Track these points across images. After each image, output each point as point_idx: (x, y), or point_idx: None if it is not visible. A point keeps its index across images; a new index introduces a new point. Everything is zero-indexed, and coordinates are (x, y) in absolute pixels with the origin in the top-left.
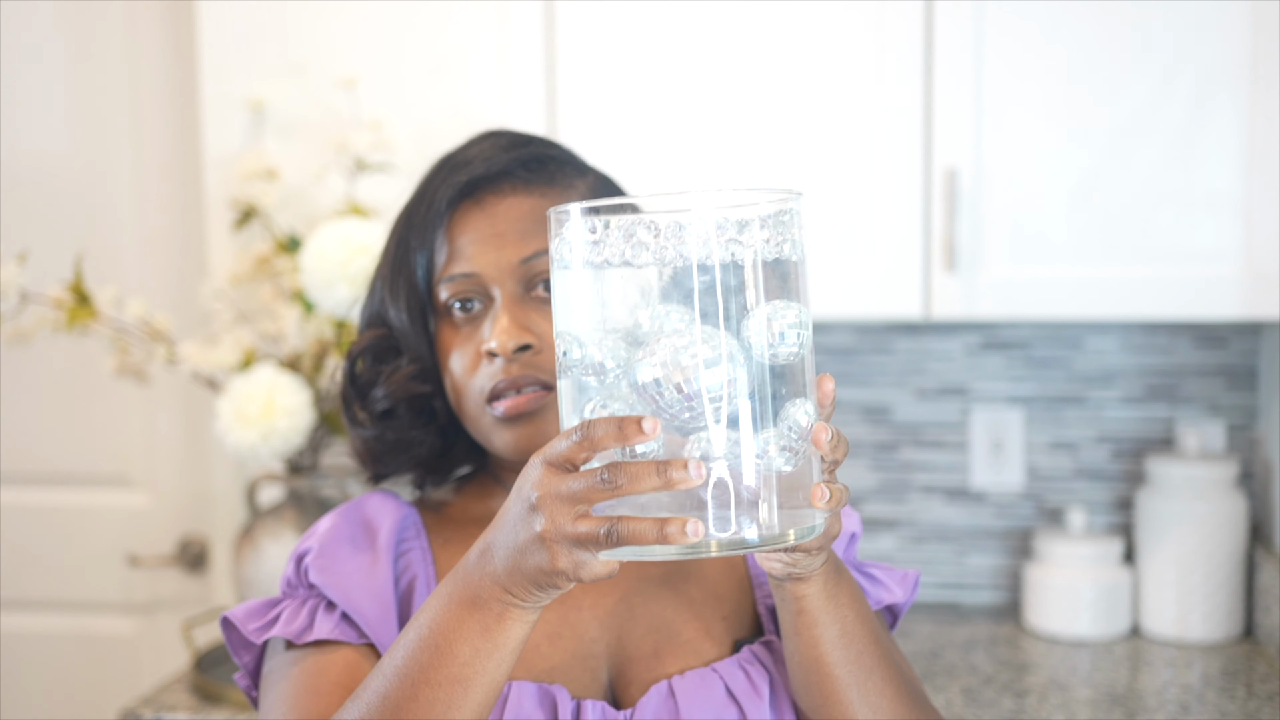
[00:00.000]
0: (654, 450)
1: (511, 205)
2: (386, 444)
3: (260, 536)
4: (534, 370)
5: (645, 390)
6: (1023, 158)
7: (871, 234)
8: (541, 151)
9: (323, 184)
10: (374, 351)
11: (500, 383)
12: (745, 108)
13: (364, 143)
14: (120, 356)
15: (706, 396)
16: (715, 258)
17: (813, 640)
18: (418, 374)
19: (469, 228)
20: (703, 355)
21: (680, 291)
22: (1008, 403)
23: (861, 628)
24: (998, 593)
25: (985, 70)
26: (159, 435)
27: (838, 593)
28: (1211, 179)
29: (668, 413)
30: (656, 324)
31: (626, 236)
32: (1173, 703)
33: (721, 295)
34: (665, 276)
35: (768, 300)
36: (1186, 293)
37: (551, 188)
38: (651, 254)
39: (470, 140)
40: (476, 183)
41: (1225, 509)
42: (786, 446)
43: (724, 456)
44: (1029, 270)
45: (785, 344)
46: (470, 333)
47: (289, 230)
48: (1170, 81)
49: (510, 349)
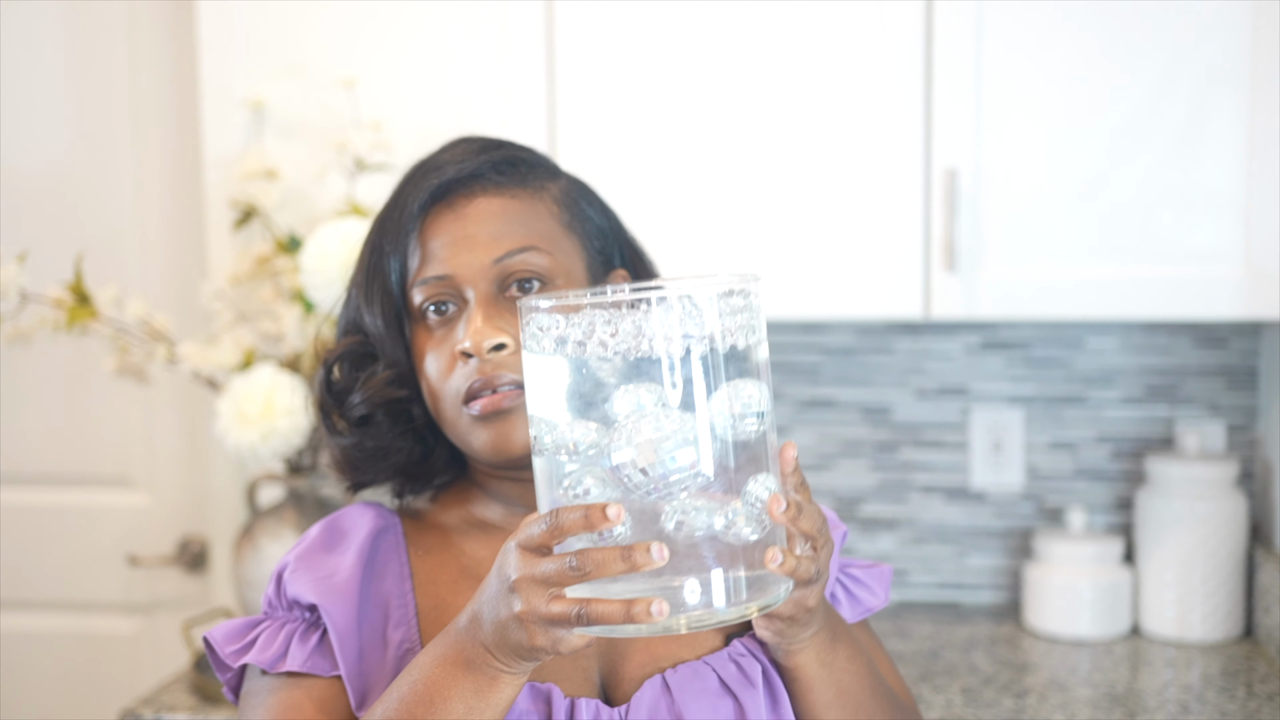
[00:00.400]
0: (623, 532)
1: (483, 207)
2: (365, 452)
3: (260, 536)
4: (509, 369)
5: (615, 472)
6: (1023, 158)
7: (871, 234)
8: (513, 154)
9: (323, 184)
10: (351, 358)
11: (475, 382)
12: (745, 108)
13: (364, 143)
14: (120, 356)
15: (674, 478)
16: (676, 350)
17: (809, 704)
18: (394, 379)
19: (441, 231)
20: (668, 438)
21: (643, 376)
22: (1008, 403)
23: (858, 684)
24: (998, 593)
25: (985, 70)
26: (159, 435)
27: (833, 659)
28: (1211, 179)
29: (636, 493)
30: (621, 408)
31: (588, 332)
32: (1173, 703)
33: (682, 380)
34: (629, 362)
35: (728, 381)
36: (1186, 293)
37: (523, 189)
38: (612, 347)
39: (443, 146)
40: (448, 185)
41: (1225, 509)
42: (751, 518)
43: (690, 532)
44: (1029, 270)
45: (745, 423)
46: (445, 335)
47: (289, 230)
48: (1170, 81)
49: (485, 349)
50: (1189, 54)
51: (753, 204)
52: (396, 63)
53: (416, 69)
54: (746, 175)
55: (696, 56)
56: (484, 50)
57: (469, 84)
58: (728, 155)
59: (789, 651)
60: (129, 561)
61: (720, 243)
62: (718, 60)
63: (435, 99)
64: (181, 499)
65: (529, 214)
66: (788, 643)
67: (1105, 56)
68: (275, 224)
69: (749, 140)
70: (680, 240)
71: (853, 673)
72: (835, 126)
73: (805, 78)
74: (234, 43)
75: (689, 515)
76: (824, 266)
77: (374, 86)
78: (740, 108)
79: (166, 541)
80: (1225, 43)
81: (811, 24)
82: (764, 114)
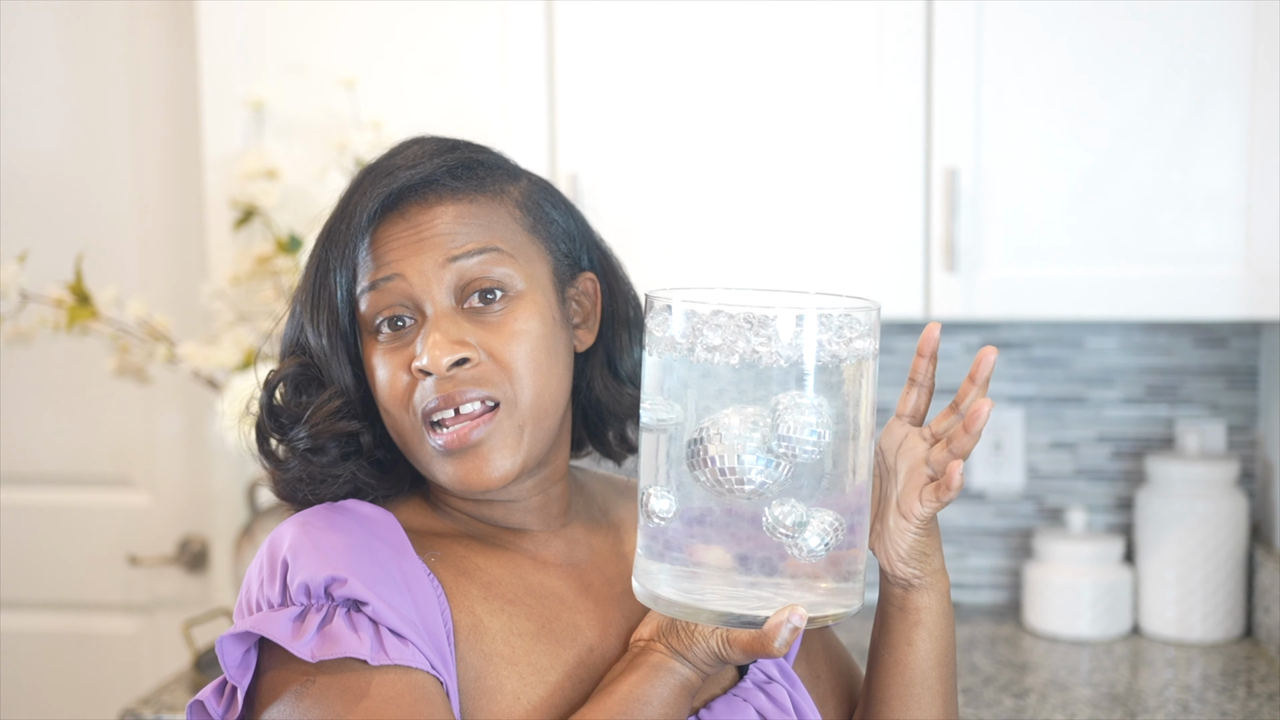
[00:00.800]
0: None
1: (439, 214)
2: (312, 479)
3: (260, 536)
4: (473, 384)
5: (712, 471)
6: (1023, 158)
7: (872, 234)
8: (469, 156)
9: (323, 184)
10: (294, 381)
11: (434, 402)
12: (745, 107)
13: (364, 143)
14: (120, 356)
15: (808, 470)
16: (809, 360)
17: (925, 652)
18: (343, 409)
19: (392, 239)
20: (804, 429)
21: (759, 384)
22: (1008, 403)
23: (954, 649)
24: (998, 593)
25: (985, 70)
26: (159, 435)
27: (948, 615)
28: (1212, 179)
29: (742, 489)
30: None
31: (715, 329)
32: (1173, 703)
33: (801, 386)
34: (752, 368)
35: (832, 395)
36: (1186, 293)
37: (482, 193)
38: (742, 352)
39: (394, 148)
40: (400, 193)
41: (1225, 509)
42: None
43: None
44: (1029, 270)
45: (859, 442)
46: (398, 350)
47: (289, 230)
48: (1170, 81)
49: (444, 365)
50: (1189, 54)
51: (752, 203)
52: (396, 63)
53: (416, 69)
54: (746, 174)
55: (696, 56)
56: (484, 50)
57: (469, 84)
58: (727, 154)
59: (917, 586)
60: (129, 561)
61: (720, 242)
62: (718, 60)
63: (435, 99)
64: (181, 499)
65: (487, 218)
66: (922, 566)
67: (1105, 57)
68: (275, 224)
69: (748, 139)
70: (680, 240)
71: (952, 646)
72: (835, 126)
73: (805, 77)
74: (234, 43)
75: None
76: (824, 266)
77: (374, 86)
78: (740, 107)
79: (167, 541)
80: (1225, 43)
81: (811, 23)
82: (764, 114)
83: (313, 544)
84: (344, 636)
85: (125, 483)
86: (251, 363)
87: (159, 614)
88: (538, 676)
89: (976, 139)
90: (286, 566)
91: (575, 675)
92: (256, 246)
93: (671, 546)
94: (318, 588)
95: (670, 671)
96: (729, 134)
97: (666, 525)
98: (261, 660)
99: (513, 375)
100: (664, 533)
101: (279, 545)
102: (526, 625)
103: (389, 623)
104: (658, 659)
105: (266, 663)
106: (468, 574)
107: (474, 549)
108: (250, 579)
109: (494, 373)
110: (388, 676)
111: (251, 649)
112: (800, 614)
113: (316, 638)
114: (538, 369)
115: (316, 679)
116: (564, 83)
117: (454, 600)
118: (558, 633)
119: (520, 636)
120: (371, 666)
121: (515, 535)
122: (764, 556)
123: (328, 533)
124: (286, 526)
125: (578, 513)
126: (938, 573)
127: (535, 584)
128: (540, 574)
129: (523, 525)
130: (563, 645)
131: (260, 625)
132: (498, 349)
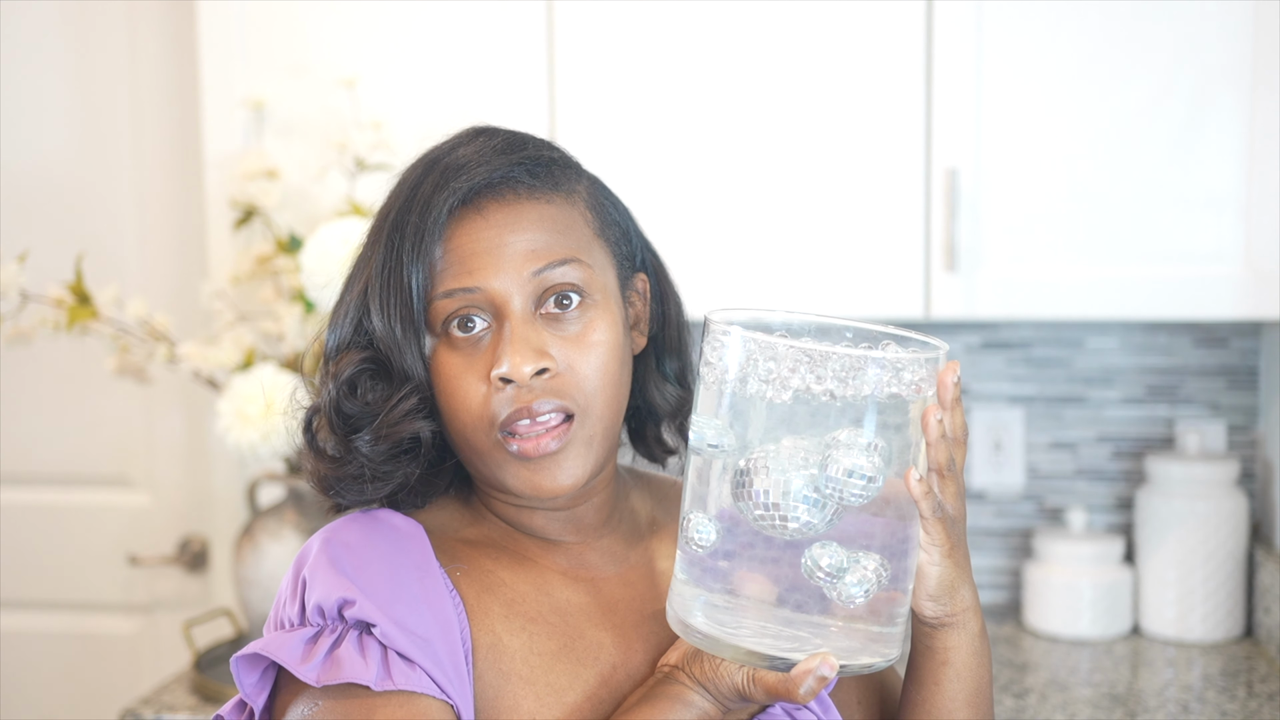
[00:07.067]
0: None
1: (518, 214)
2: (368, 477)
3: (261, 536)
4: (552, 395)
5: (757, 503)
6: (1023, 158)
7: (872, 234)
8: (542, 154)
9: (323, 184)
10: (363, 377)
11: (515, 411)
12: (745, 108)
13: (364, 143)
14: (120, 356)
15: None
16: (866, 400)
17: (952, 693)
18: (419, 406)
19: (471, 239)
20: (855, 471)
21: (814, 420)
22: (1008, 402)
23: (989, 686)
24: (998, 593)
25: (985, 70)
26: (159, 435)
27: (982, 648)
28: (1211, 179)
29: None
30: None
31: (772, 360)
32: (1173, 703)
33: (857, 425)
34: (806, 403)
35: (892, 431)
36: (1186, 293)
37: (557, 193)
38: (796, 387)
39: (456, 139)
40: (477, 189)
41: (1225, 509)
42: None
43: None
44: (1029, 270)
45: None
46: (473, 354)
47: (289, 230)
48: (1170, 81)
49: (526, 375)
50: (1189, 54)
51: (753, 204)
52: (396, 63)
53: (416, 69)
54: (746, 175)
55: (697, 57)
56: (484, 50)
57: (469, 84)
58: (728, 156)
59: (944, 625)
60: (129, 561)
61: (721, 242)
62: (718, 61)
63: (435, 99)
64: (182, 499)
65: (565, 222)
66: (952, 603)
67: (1105, 57)
68: (276, 224)
69: (749, 140)
70: (680, 240)
71: (989, 672)
72: (835, 126)
73: (805, 77)
74: (234, 43)
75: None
76: (824, 266)
77: (374, 86)
78: (740, 108)
79: (167, 541)
80: (1225, 43)
81: (812, 24)
82: (764, 114)
83: (329, 562)
84: (350, 661)
85: (125, 483)
86: (251, 362)
87: (159, 614)
88: (555, 697)
89: (976, 139)
90: (305, 585)
91: (596, 696)
92: (256, 246)
93: (709, 574)
94: (331, 609)
95: (689, 705)
96: (729, 134)
97: (705, 553)
98: (278, 678)
99: (588, 387)
100: (702, 561)
101: (303, 561)
102: (547, 644)
103: (398, 646)
104: (678, 690)
105: (281, 681)
106: (491, 590)
107: (501, 562)
108: (281, 592)
109: (570, 385)
110: (391, 702)
111: (270, 666)
112: (831, 663)
113: (324, 662)
114: (610, 381)
115: (322, 703)
116: (564, 83)
117: (474, 618)
118: (580, 652)
119: (540, 656)
120: (375, 692)
121: (548, 547)
122: (802, 598)
123: (350, 549)
124: (314, 540)
125: (616, 525)
126: (968, 611)
127: (561, 601)
128: (568, 590)
129: (559, 537)
130: (584, 665)
131: (270, 648)
132: (576, 361)
